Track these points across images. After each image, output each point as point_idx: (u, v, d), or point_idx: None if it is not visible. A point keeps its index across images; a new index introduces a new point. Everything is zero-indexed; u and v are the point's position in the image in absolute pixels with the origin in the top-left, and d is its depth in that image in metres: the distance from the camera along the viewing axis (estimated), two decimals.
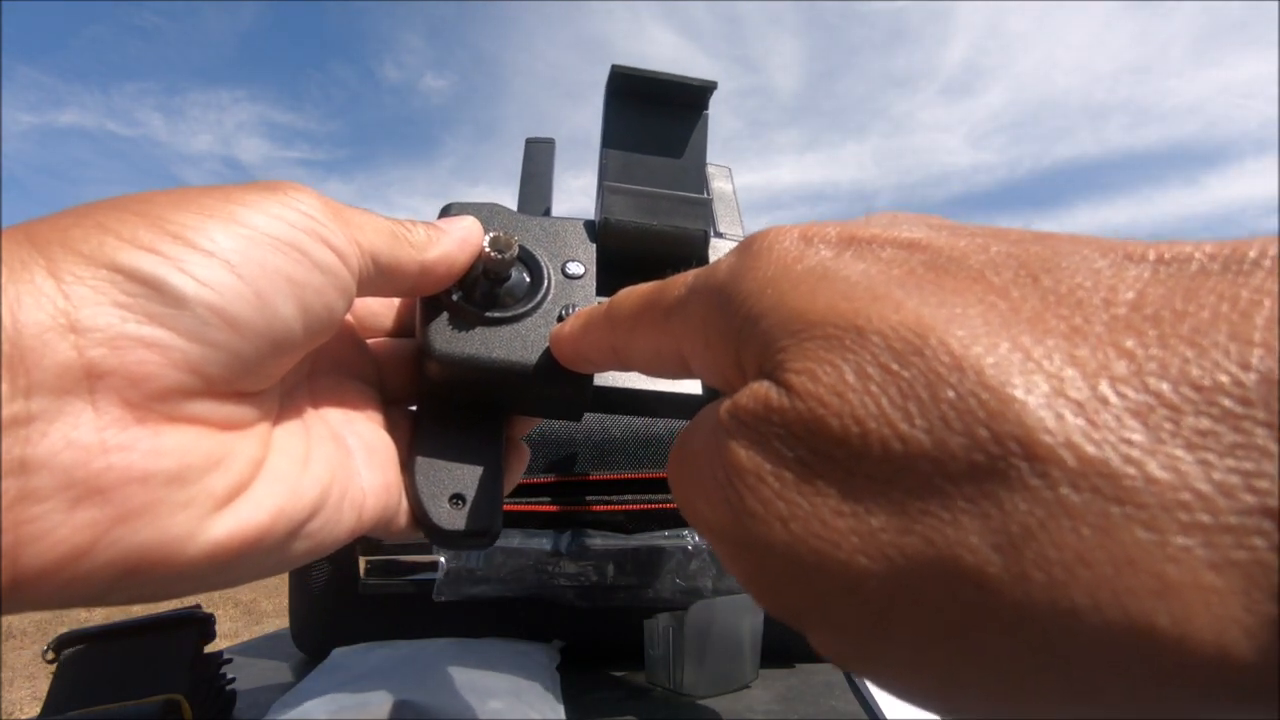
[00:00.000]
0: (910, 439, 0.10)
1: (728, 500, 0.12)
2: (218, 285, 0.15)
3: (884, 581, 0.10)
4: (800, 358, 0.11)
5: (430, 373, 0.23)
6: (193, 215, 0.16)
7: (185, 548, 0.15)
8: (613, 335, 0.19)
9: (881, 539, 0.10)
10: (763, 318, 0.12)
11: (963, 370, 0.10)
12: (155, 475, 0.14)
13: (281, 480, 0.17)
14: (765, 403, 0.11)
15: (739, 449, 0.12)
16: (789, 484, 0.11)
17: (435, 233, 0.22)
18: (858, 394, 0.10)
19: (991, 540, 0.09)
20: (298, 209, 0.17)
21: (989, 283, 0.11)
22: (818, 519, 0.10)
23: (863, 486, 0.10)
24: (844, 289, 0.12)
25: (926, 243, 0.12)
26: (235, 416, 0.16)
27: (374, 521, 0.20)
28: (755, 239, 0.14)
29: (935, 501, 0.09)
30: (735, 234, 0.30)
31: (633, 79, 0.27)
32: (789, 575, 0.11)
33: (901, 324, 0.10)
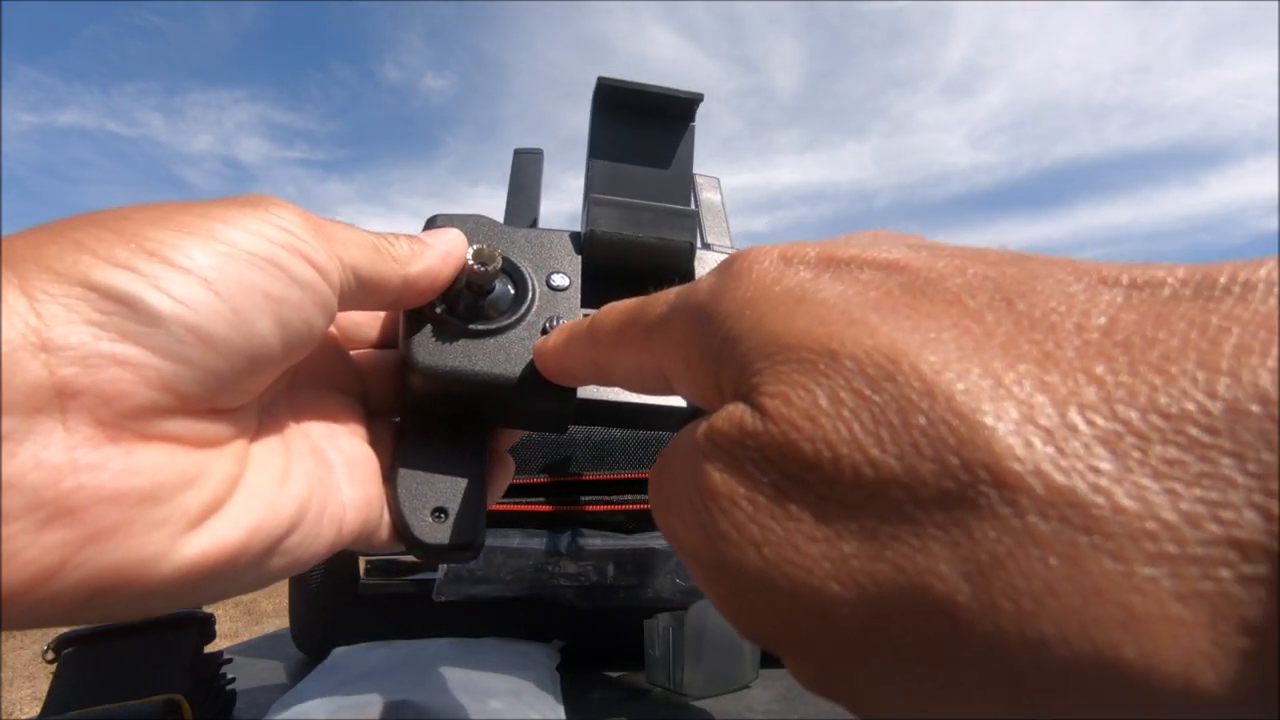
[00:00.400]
0: (882, 464, 0.10)
1: (702, 524, 0.12)
2: (194, 302, 0.15)
3: (855, 608, 0.10)
4: (775, 381, 0.11)
5: (413, 385, 0.23)
6: (170, 232, 0.15)
7: (157, 567, 0.15)
8: (595, 351, 0.18)
9: (853, 565, 0.10)
10: (740, 340, 0.12)
11: (934, 396, 0.10)
12: (127, 494, 0.14)
13: (258, 497, 0.17)
14: (740, 426, 0.11)
15: (714, 472, 0.12)
16: (762, 508, 0.11)
17: (418, 246, 0.22)
18: (830, 419, 0.10)
19: (961, 569, 0.09)
20: (278, 225, 0.17)
21: (964, 306, 0.11)
22: (790, 544, 0.10)
23: (835, 512, 0.10)
24: (820, 312, 0.12)
25: (905, 264, 0.12)
26: (211, 433, 0.16)
27: (354, 536, 0.20)
28: (736, 259, 0.14)
29: (906, 528, 0.09)
30: (723, 245, 0.30)
31: (619, 91, 0.27)
32: (763, 601, 0.11)
33: (875, 349, 0.10)
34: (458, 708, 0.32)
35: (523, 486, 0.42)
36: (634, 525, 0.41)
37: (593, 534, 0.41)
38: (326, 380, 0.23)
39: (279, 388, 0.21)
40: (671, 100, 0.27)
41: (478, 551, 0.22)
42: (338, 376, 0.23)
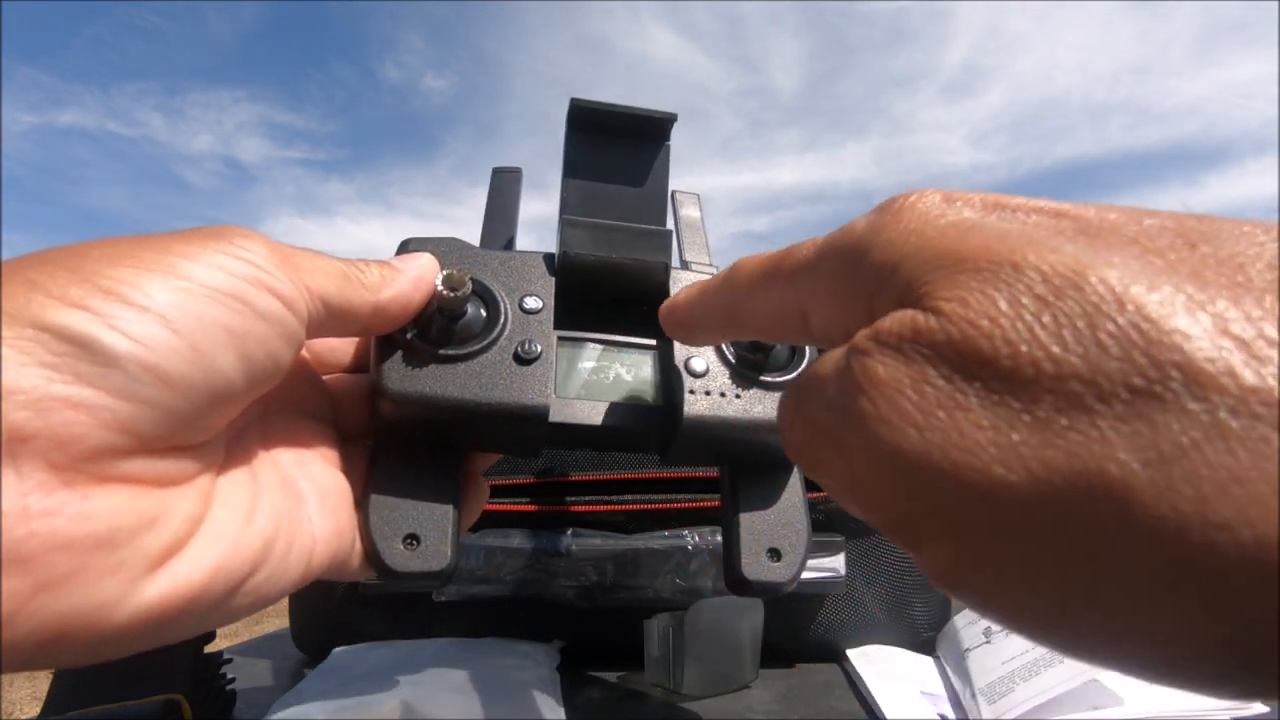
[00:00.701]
0: (1063, 361, 0.10)
1: (860, 409, 0.12)
2: (151, 341, 0.15)
3: (1019, 492, 0.10)
4: (951, 287, 0.12)
5: (384, 411, 0.23)
6: (128, 269, 0.15)
7: (114, 613, 0.14)
8: (731, 298, 0.19)
9: (1022, 451, 0.10)
10: (906, 259, 0.13)
11: (1123, 304, 0.10)
12: (81, 540, 0.14)
13: (222, 536, 0.17)
14: (912, 325, 0.12)
15: (876, 365, 0.12)
16: (928, 396, 0.11)
17: (389, 272, 0.21)
18: (1010, 319, 0.11)
19: (1141, 456, 0.09)
20: (241, 257, 0.17)
21: (1144, 245, 0.11)
22: (955, 429, 0.11)
23: (1005, 404, 0.10)
24: (998, 234, 0.12)
25: (1075, 213, 0.12)
26: (172, 472, 0.16)
27: (325, 568, 0.20)
28: (895, 199, 0.14)
29: (1083, 419, 0.10)
30: (701, 262, 0.30)
31: (593, 111, 0.27)
32: (917, 483, 0.11)
33: (1060, 262, 0.11)
34: (458, 708, 0.32)
35: (522, 487, 0.42)
36: (634, 525, 0.41)
37: (593, 534, 0.41)
38: (299, 406, 0.23)
39: (250, 416, 0.20)
40: (646, 120, 0.27)
41: (449, 577, 0.22)
42: (310, 402, 0.23)
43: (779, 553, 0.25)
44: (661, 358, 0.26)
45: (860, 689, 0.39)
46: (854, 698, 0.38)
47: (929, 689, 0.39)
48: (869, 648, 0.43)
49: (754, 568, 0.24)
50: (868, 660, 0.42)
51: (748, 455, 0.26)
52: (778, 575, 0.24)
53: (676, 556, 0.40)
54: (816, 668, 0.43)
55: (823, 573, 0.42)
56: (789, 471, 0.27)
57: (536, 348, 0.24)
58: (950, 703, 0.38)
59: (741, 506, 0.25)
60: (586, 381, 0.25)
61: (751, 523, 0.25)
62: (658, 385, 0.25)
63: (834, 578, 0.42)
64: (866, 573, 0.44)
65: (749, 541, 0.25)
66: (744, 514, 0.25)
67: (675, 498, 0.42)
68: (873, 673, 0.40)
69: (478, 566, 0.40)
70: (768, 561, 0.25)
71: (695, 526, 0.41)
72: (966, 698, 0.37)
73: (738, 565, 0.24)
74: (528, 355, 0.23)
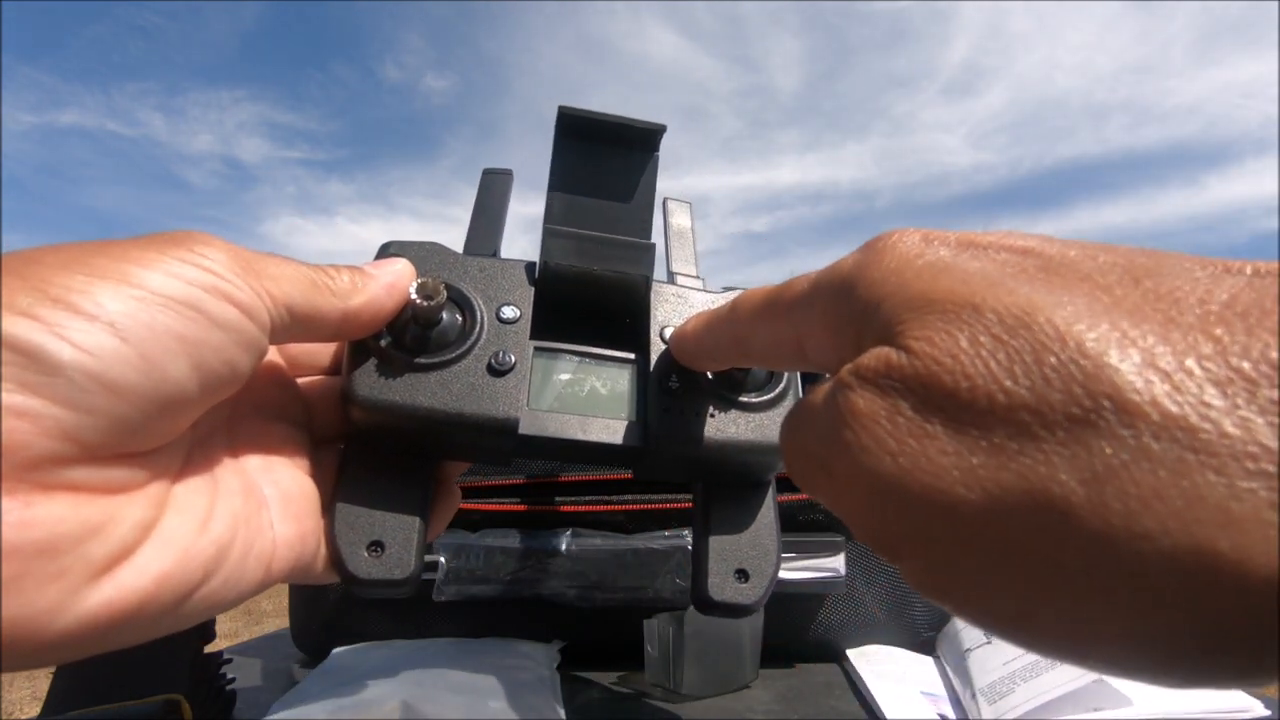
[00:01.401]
0: (1013, 393, 0.11)
1: (842, 438, 0.13)
2: (97, 350, 0.15)
3: (979, 509, 0.11)
4: (921, 327, 0.13)
5: (353, 418, 0.23)
6: (80, 277, 0.15)
7: (54, 621, 0.14)
8: (735, 328, 0.20)
9: (980, 474, 0.11)
10: (885, 300, 0.14)
11: (1064, 342, 0.11)
12: (22, 548, 0.14)
13: (172, 543, 0.17)
14: (886, 362, 0.13)
15: (857, 398, 0.13)
16: (901, 426, 0.13)
17: (361, 278, 0.21)
18: (969, 356, 0.12)
19: (1078, 476, 0.10)
20: (198, 264, 0.17)
21: (1095, 282, 0.12)
22: (924, 456, 0.12)
23: (966, 432, 0.12)
24: (962, 276, 0.13)
25: (1039, 250, 0.14)
26: (120, 479, 0.16)
27: (285, 573, 0.20)
28: (880, 239, 0.16)
29: (1030, 445, 0.11)
30: (689, 273, 0.29)
31: (581, 120, 0.26)
32: (891, 502, 0.13)
33: (1014, 304, 0.12)
34: (458, 708, 0.32)
35: (522, 487, 0.42)
36: (634, 525, 0.41)
37: (592, 534, 0.41)
38: (270, 410, 0.22)
39: (216, 420, 0.20)
40: (634, 130, 0.27)
41: (413, 585, 0.22)
42: (282, 405, 0.23)
43: (747, 574, 0.25)
44: (639, 372, 0.25)
45: (860, 689, 0.39)
46: (854, 698, 0.38)
47: (929, 689, 0.39)
48: (869, 648, 0.43)
49: (720, 588, 0.24)
50: (868, 660, 0.42)
51: (721, 474, 0.26)
52: (744, 597, 0.24)
53: (676, 556, 0.40)
54: (816, 668, 0.43)
55: (823, 573, 0.42)
56: (763, 492, 0.26)
57: (510, 359, 0.23)
58: (950, 703, 0.38)
59: (713, 528, 0.25)
60: (560, 394, 0.24)
61: (721, 543, 0.25)
62: (633, 400, 0.25)
63: (834, 578, 0.42)
64: (866, 573, 0.44)
65: (717, 561, 0.25)
66: (714, 535, 0.25)
67: (675, 498, 0.42)
68: (873, 673, 0.40)
69: (478, 567, 0.40)
70: (735, 582, 0.24)
71: None
72: (966, 698, 0.37)
73: (704, 585, 0.24)
74: (501, 366, 0.23)
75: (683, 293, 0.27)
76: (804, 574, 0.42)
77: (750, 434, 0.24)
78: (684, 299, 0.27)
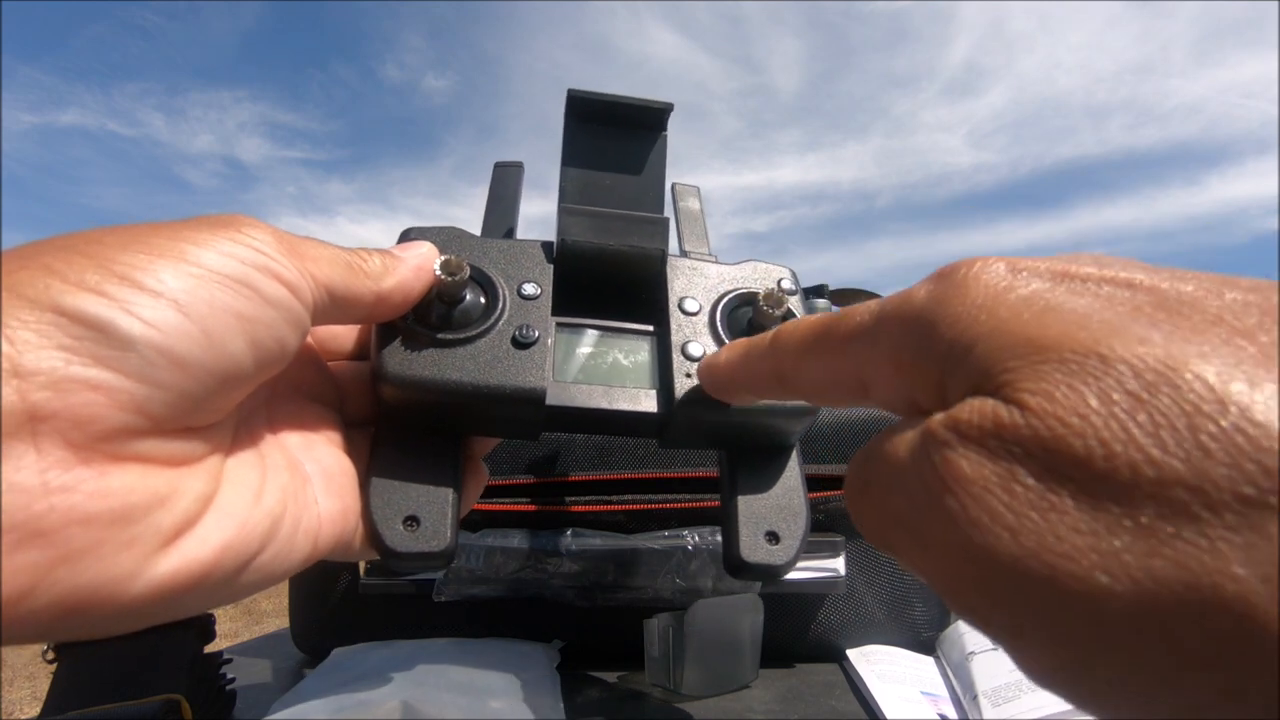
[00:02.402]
0: (1164, 465, 0.10)
1: (944, 508, 0.12)
2: (164, 326, 0.15)
3: (1127, 602, 0.10)
4: (1034, 379, 0.11)
5: (384, 395, 0.23)
6: (141, 255, 0.16)
7: (129, 587, 0.15)
8: (778, 362, 0.19)
9: (1125, 559, 0.10)
10: (980, 340, 0.12)
11: (1224, 405, 0.10)
12: (99, 516, 0.14)
13: (231, 515, 0.17)
14: (994, 418, 0.11)
15: (960, 460, 0.12)
16: (1019, 498, 0.11)
17: (391, 261, 0.22)
18: (1102, 417, 0.10)
19: (1259, 571, 0.09)
20: (249, 245, 0.17)
21: (1231, 326, 0.11)
22: (1052, 534, 0.10)
23: (1103, 507, 0.10)
24: (1075, 319, 0.12)
25: (1149, 284, 0.12)
26: (184, 452, 0.17)
27: (331, 548, 0.21)
28: (957, 267, 0.14)
29: (1190, 528, 0.09)
30: (701, 252, 0.30)
31: (590, 102, 0.27)
32: (1013, 587, 0.11)
33: (1149, 354, 0.10)
34: (458, 708, 0.32)
35: (522, 487, 0.42)
36: (634, 525, 0.41)
37: (593, 534, 0.41)
38: (305, 391, 0.23)
39: (257, 400, 0.21)
40: (643, 110, 0.28)
41: (449, 559, 0.22)
42: (316, 388, 0.24)
43: (777, 536, 0.25)
44: (659, 343, 0.26)
45: (860, 689, 0.39)
46: (854, 698, 0.38)
47: (929, 689, 0.39)
48: (869, 648, 0.43)
49: (752, 551, 0.24)
50: (868, 660, 0.42)
51: (745, 439, 0.26)
52: (776, 558, 0.24)
53: (676, 556, 0.40)
54: (816, 668, 0.43)
55: (823, 573, 0.42)
56: (787, 454, 0.27)
57: (534, 332, 0.24)
58: (951, 703, 0.37)
59: (739, 490, 0.25)
60: (584, 366, 0.25)
61: (750, 506, 0.25)
62: (655, 370, 0.26)
63: (834, 578, 0.42)
64: (866, 573, 0.44)
65: (747, 525, 0.25)
66: (742, 497, 0.25)
67: (675, 498, 0.42)
68: (873, 673, 0.40)
69: (477, 566, 0.40)
70: (766, 544, 0.25)
71: (695, 526, 0.41)
72: (968, 699, 0.37)
73: (736, 548, 0.24)
74: (525, 339, 0.24)
75: (698, 265, 0.28)
76: (804, 574, 0.42)
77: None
78: (700, 271, 0.28)
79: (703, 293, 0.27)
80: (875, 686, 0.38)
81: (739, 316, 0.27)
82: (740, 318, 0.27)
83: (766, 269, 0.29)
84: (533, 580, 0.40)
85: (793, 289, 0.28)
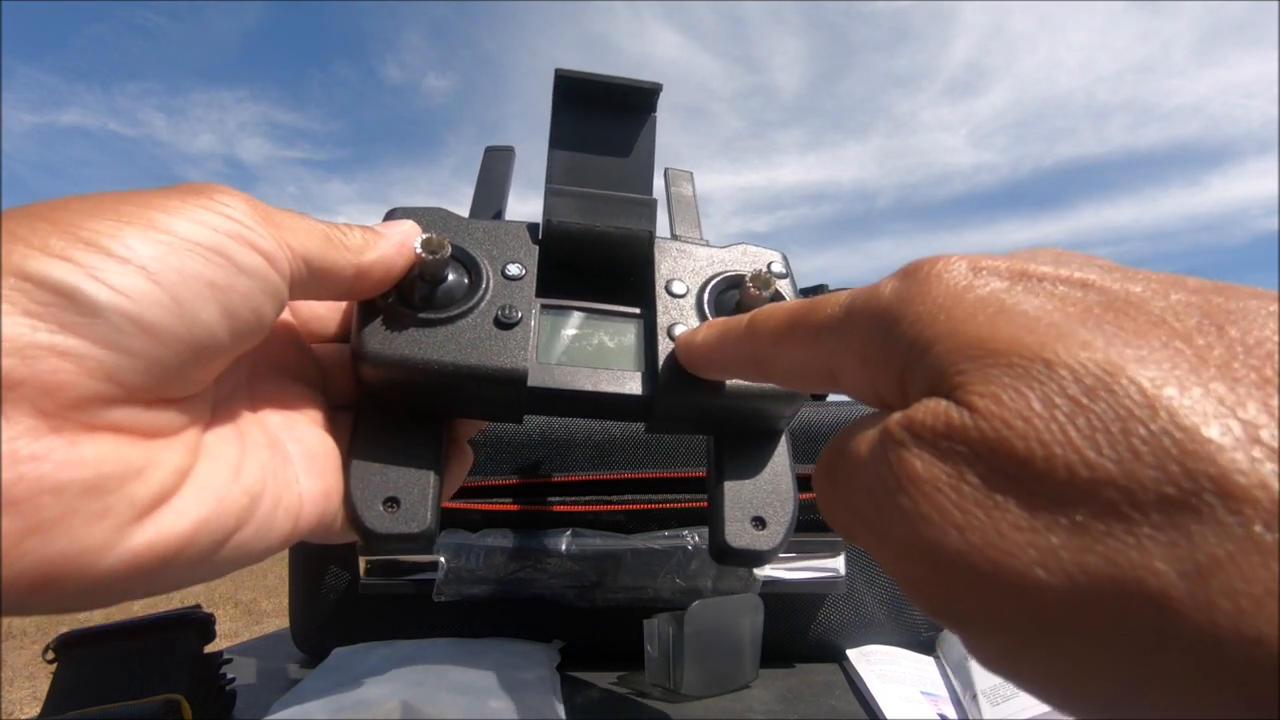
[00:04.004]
0: (1098, 466, 0.10)
1: (899, 505, 0.12)
2: (133, 292, 0.15)
3: (1061, 594, 0.10)
4: (983, 381, 0.12)
5: (364, 375, 0.23)
6: (108, 222, 0.15)
7: (101, 559, 0.15)
8: (754, 346, 0.19)
9: (1061, 555, 0.10)
10: (937, 341, 0.13)
11: (1154, 409, 0.10)
12: (69, 485, 0.14)
13: (208, 489, 0.17)
14: (945, 419, 0.12)
15: (914, 459, 0.12)
16: (966, 496, 0.11)
17: (372, 236, 0.22)
18: (1044, 420, 0.11)
19: (1178, 567, 0.09)
20: (222, 213, 0.17)
21: (1172, 328, 0.11)
22: (995, 530, 0.11)
23: (1043, 506, 0.11)
24: (1025, 322, 0.12)
25: (1101, 284, 0.13)
26: (160, 423, 0.16)
27: (312, 528, 0.20)
28: (921, 265, 0.14)
29: (1119, 527, 0.10)
30: (693, 236, 0.30)
31: (579, 82, 0.27)
32: (958, 580, 0.11)
33: (1090, 359, 0.11)
34: (458, 708, 0.32)
35: (522, 487, 0.42)
36: (634, 525, 0.41)
37: (592, 534, 0.41)
38: (288, 371, 0.23)
39: (238, 377, 0.21)
40: (632, 90, 0.27)
41: (430, 541, 0.22)
42: (299, 368, 0.23)
43: (764, 521, 0.24)
44: (645, 325, 0.26)
45: (860, 689, 0.39)
46: (854, 698, 0.38)
47: (929, 689, 0.39)
48: (869, 648, 0.43)
49: (738, 536, 0.24)
50: (868, 660, 0.42)
51: (732, 423, 0.26)
52: (761, 543, 0.24)
53: (676, 556, 0.40)
54: (816, 668, 0.43)
55: (823, 573, 0.42)
56: (776, 439, 0.26)
57: (517, 313, 0.24)
58: (951, 703, 0.38)
59: (726, 475, 0.25)
60: (569, 348, 0.25)
61: (736, 491, 0.25)
62: (641, 352, 0.25)
63: (834, 578, 0.42)
64: (866, 573, 0.44)
65: (733, 509, 0.24)
66: (728, 482, 0.25)
67: (675, 498, 0.42)
68: (873, 673, 0.40)
69: (477, 566, 0.40)
70: (752, 530, 0.24)
71: (695, 526, 0.41)
72: (967, 698, 0.37)
73: (721, 534, 0.24)
74: (508, 320, 0.24)
75: (686, 247, 0.28)
76: (804, 574, 0.42)
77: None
78: (688, 253, 0.27)
79: (690, 275, 0.27)
80: (875, 686, 0.38)
81: (727, 299, 0.26)
82: (728, 300, 0.26)
83: (757, 252, 0.28)
84: (533, 580, 0.41)
85: (782, 272, 0.28)
